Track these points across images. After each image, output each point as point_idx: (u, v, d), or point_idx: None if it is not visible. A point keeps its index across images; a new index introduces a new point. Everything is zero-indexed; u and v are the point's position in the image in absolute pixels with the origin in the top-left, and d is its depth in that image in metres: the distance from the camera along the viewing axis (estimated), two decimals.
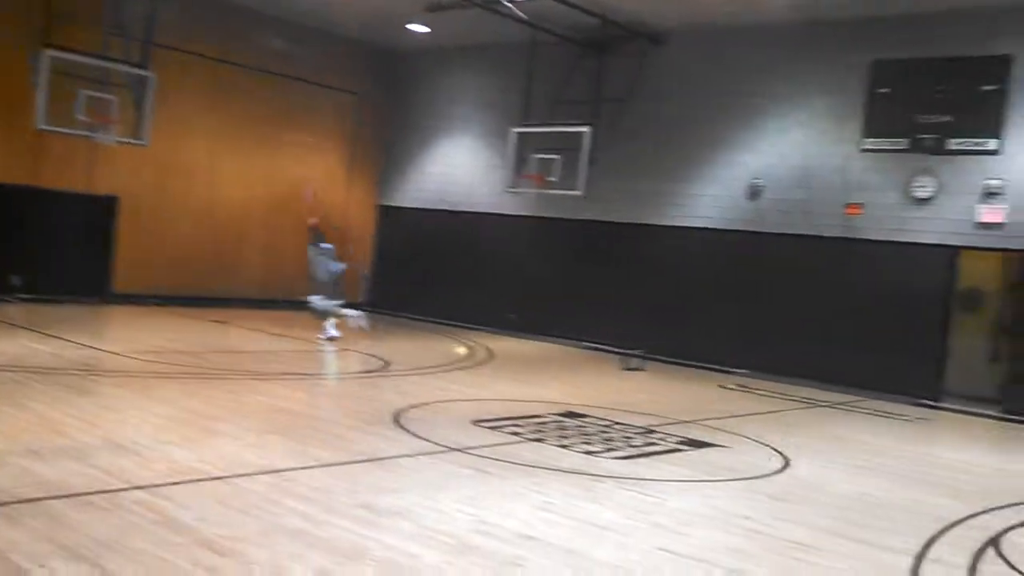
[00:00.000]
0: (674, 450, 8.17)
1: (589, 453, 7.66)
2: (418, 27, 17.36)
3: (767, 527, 5.94)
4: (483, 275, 18.03)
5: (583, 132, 14.95)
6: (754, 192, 14.88)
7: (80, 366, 9.79)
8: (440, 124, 19.11)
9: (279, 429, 7.47)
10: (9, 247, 14.84)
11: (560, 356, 15.13)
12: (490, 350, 14.61)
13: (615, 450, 7.90)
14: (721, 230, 15.19)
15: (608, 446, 8.04)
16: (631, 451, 7.92)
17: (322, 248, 13.79)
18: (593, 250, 16.67)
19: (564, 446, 7.83)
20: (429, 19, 16.43)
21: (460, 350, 14.31)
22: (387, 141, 19.80)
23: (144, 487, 5.43)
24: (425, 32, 17.64)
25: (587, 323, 16.36)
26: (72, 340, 11.26)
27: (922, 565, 5.48)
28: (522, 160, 15.88)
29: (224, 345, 12.62)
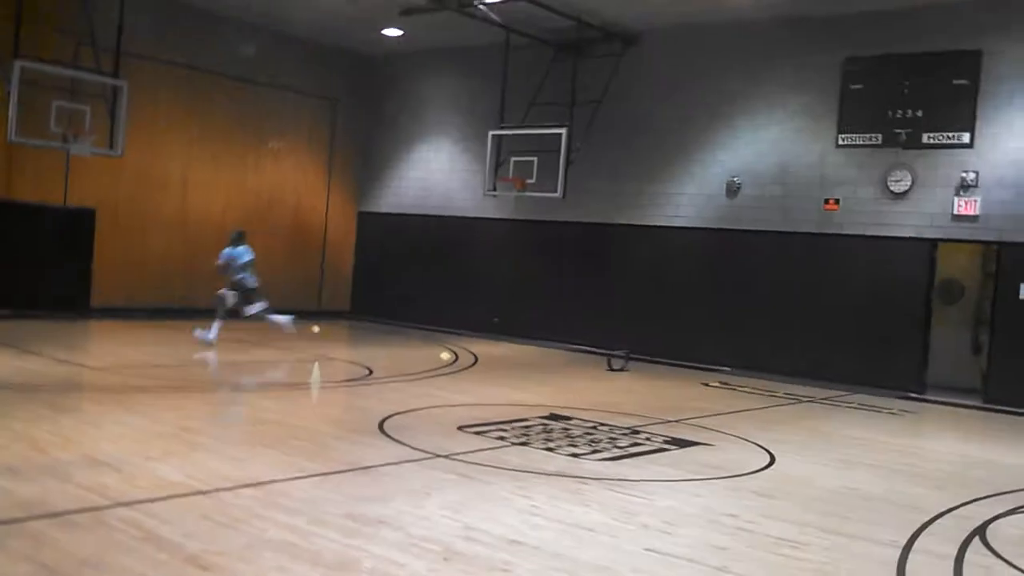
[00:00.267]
0: (660, 450, 8.18)
1: (575, 455, 7.65)
2: (392, 31, 17.33)
3: (754, 524, 5.96)
4: (465, 279, 18.01)
5: (560, 133, 14.98)
6: (732, 190, 14.95)
7: (59, 382, 9.69)
8: (418, 128, 19.09)
9: (262, 440, 7.41)
10: None
11: (544, 359, 15.14)
12: (474, 354, 14.59)
13: (601, 451, 7.90)
14: (700, 228, 15.26)
15: (594, 448, 8.04)
16: (617, 452, 7.93)
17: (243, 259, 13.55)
18: (574, 252, 16.70)
19: (550, 449, 7.82)
20: (403, 23, 16.41)
21: (444, 355, 14.27)
22: (365, 147, 19.76)
23: (127, 504, 5.37)
24: (400, 36, 17.62)
25: (570, 325, 16.38)
26: (51, 356, 11.14)
27: (909, 557, 5.50)
28: (500, 163, 15.90)
29: (204, 357, 12.52)
